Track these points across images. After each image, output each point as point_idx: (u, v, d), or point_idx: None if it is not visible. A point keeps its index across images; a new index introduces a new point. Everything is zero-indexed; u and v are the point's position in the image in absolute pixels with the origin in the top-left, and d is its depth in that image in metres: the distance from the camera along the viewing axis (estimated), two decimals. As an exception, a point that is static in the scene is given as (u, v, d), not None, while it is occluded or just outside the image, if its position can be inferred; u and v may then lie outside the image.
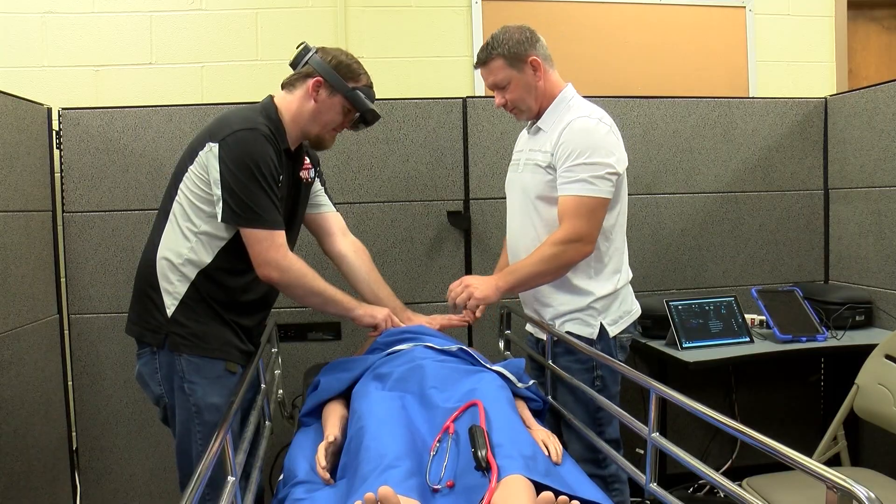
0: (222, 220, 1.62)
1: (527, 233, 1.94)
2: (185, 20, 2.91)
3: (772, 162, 2.87)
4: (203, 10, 2.91)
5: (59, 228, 2.53)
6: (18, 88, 2.51)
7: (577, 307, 1.88)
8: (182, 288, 1.66)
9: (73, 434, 2.59)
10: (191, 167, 1.66)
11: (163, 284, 1.67)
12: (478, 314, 1.87)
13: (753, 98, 3.09)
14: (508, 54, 1.84)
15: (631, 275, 1.99)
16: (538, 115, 1.94)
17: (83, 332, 2.54)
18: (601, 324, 1.88)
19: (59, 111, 2.51)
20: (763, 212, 2.88)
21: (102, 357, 2.55)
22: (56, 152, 2.52)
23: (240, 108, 1.77)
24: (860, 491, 0.88)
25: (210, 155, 1.62)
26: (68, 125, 2.51)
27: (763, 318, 2.56)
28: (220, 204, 1.61)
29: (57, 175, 2.53)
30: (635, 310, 1.99)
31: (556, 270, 1.82)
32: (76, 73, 2.85)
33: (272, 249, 1.64)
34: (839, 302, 2.58)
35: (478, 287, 1.83)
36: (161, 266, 1.67)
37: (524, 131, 2.07)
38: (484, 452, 1.23)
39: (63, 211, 2.52)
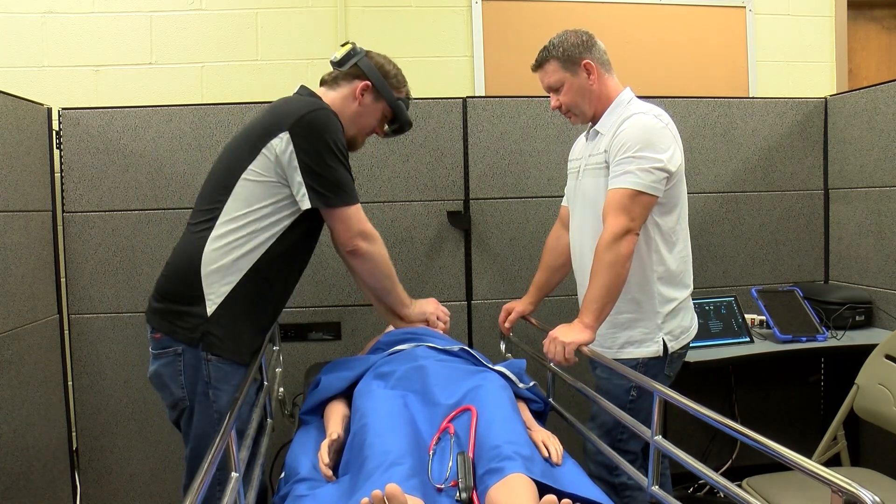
0: (312, 206, 1.62)
1: (585, 240, 1.89)
2: (185, 20, 2.90)
3: (772, 162, 2.87)
4: (203, 10, 2.91)
5: (59, 228, 2.52)
6: (18, 88, 2.51)
7: (636, 318, 1.83)
8: (227, 288, 1.62)
9: (73, 434, 2.59)
10: (250, 167, 1.62)
11: (206, 284, 1.61)
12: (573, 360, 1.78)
13: (753, 98, 3.09)
14: (562, 57, 1.84)
15: (692, 287, 1.91)
16: (594, 120, 1.91)
17: (83, 332, 2.54)
18: (663, 340, 1.83)
19: (59, 111, 2.51)
20: (763, 212, 2.88)
21: (102, 357, 2.55)
22: (56, 152, 2.51)
23: (288, 98, 1.75)
24: (865, 495, 0.88)
25: (282, 146, 1.60)
26: (68, 125, 2.50)
27: (763, 318, 2.57)
28: (303, 190, 1.61)
29: (57, 175, 2.52)
30: (694, 326, 1.93)
31: (622, 271, 1.72)
32: (76, 73, 2.85)
33: (361, 221, 1.71)
34: (839, 302, 2.59)
35: (566, 334, 1.74)
36: (208, 265, 1.62)
37: (581, 137, 2.04)
38: (468, 495, 1.22)
39: (63, 211, 2.52)
